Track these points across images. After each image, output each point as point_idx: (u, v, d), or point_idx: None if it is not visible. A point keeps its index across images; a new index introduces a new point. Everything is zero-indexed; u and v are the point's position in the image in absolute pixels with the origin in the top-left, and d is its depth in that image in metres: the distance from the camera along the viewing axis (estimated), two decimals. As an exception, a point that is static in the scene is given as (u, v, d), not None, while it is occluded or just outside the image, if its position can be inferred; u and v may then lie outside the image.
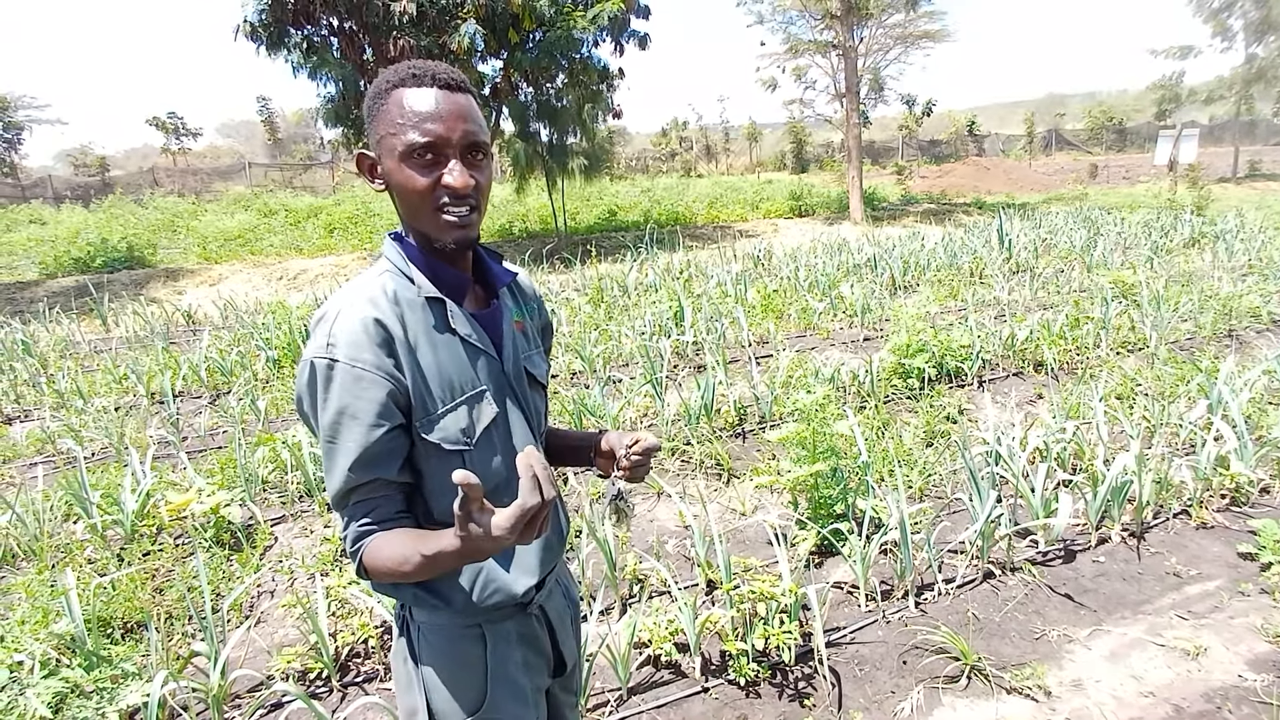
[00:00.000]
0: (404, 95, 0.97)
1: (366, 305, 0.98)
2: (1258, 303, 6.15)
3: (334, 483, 0.98)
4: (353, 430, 0.95)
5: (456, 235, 1.00)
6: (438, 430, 1.01)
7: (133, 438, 4.49)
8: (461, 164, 0.98)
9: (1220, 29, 22.45)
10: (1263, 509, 3.23)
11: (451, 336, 1.04)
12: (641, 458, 1.13)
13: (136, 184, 22.91)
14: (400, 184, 0.99)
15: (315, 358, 0.95)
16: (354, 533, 0.99)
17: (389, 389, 0.96)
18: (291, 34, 10.70)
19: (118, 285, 10.98)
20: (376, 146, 1.01)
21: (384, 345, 0.97)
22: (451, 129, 0.97)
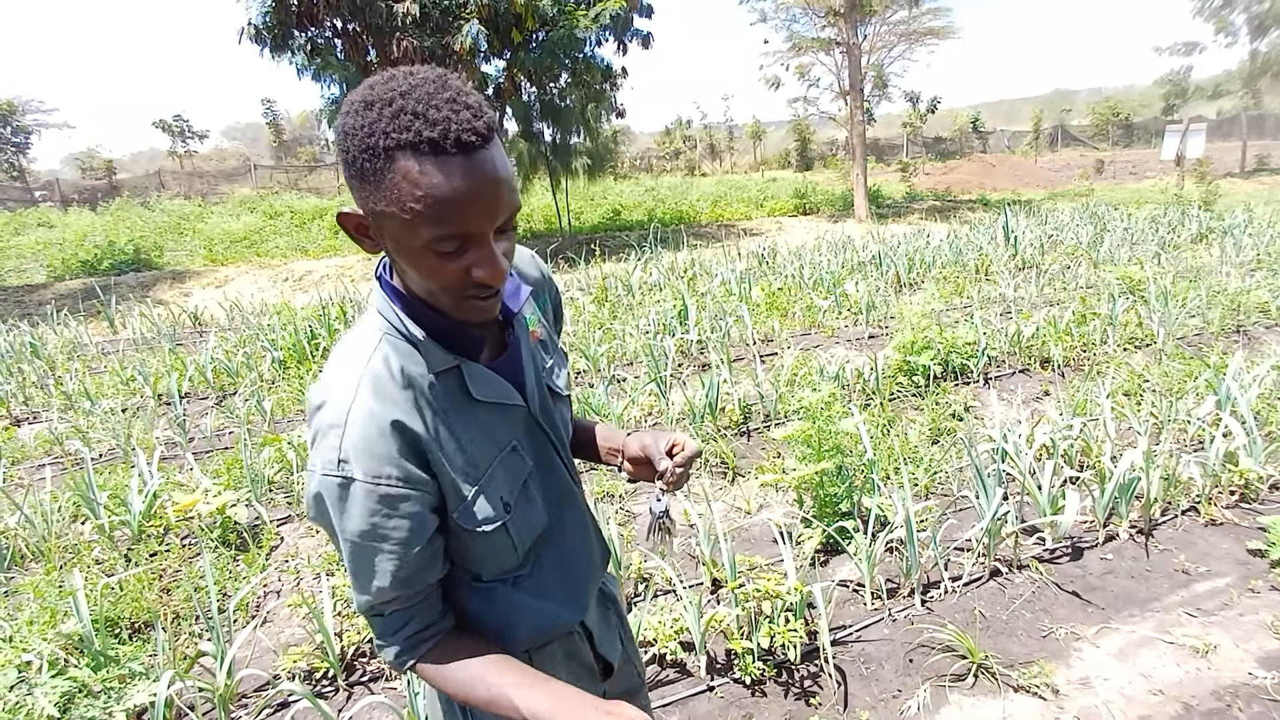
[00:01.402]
0: (417, 170, 0.70)
1: (374, 400, 0.80)
2: (1266, 298, 6.11)
3: (362, 600, 0.86)
4: (383, 552, 0.82)
5: (481, 317, 0.83)
6: (473, 517, 0.88)
7: (140, 439, 4.51)
8: (494, 245, 0.77)
9: (1222, 26, 22.31)
10: (1272, 505, 3.20)
11: (473, 404, 0.89)
12: (684, 469, 1.04)
13: (143, 187, 23.04)
14: (414, 270, 0.78)
15: (324, 475, 0.79)
16: (396, 645, 0.90)
17: (421, 497, 0.82)
18: (295, 36, 10.74)
19: (125, 288, 11.04)
20: (372, 216, 0.76)
21: (408, 450, 0.81)
22: (489, 215, 0.75)
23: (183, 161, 29.67)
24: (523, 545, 0.95)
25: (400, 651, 0.90)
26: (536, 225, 15.74)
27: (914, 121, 31.25)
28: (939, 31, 17.38)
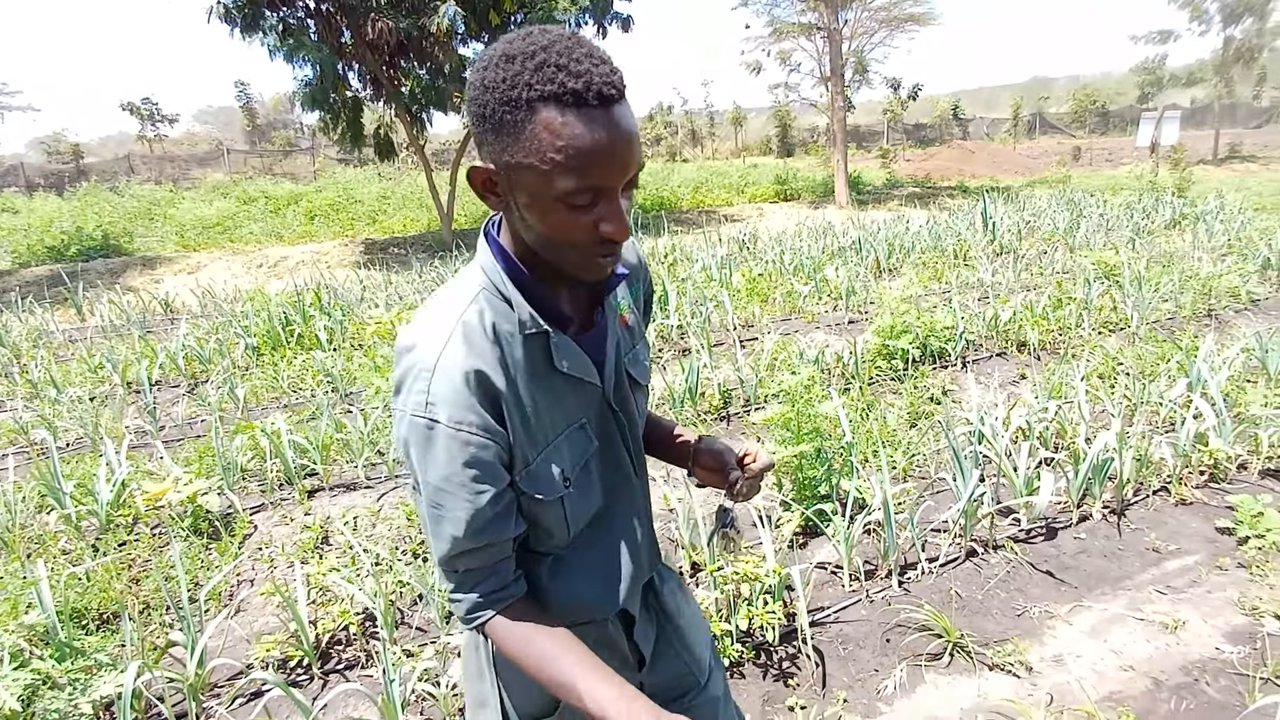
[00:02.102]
0: (559, 121, 0.72)
1: (465, 352, 0.82)
2: (1237, 283, 6.21)
3: (440, 549, 0.88)
4: (460, 497, 0.84)
5: (599, 276, 0.86)
6: (535, 482, 0.90)
7: (108, 427, 4.41)
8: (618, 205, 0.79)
9: (1197, 13, 22.53)
10: (1240, 485, 3.26)
11: (552, 373, 0.90)
12: (755, 479, 1.05)
13: (112, 171, 22.46)
14: (543, 224, 0.79)
15: (413, 416, 0.82)
16: (469, 603, 0.91)
17: (495, 449, 0.85)
18: (267, 16, 10.46)
19: (93, 274, 10.78)
20: (505, 169, 0.78)
21: (487, 401, 0.83)
22: (623, 169, 0.77)
23: (153, 145, 28.95)
24: (574, 524, 0.96)
25: (471, 609, 0.91)
26: (516, 211, 15.58)
27: (895, 108, 31.30)
28: (919, 18, 17.36)
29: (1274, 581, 2.59)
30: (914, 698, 2.19)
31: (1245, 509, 2.86)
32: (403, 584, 2.75)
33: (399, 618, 2.66)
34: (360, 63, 11.42)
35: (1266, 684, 2.12)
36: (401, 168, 21.29)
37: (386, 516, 3.32)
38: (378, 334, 5.43)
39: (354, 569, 2.85)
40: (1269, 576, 2.62)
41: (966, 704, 2.15)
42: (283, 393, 5.03)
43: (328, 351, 5.64)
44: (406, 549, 3.04)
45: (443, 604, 2.57)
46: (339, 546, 3.11)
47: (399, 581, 2.75)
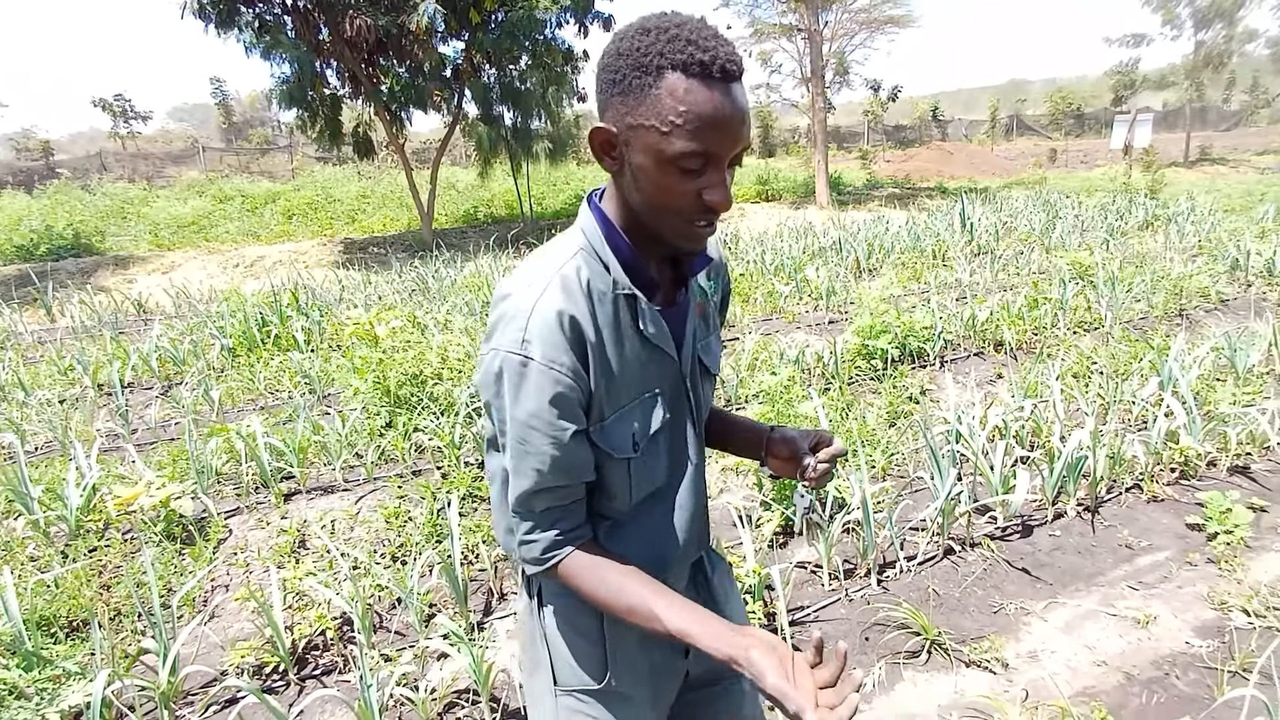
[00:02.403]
0: (684, 88, 0.79)
1: (561, 297, 0.87)
2: (1207, 283, 6.33)
3: (522, 485, 0.92)
4: (546, 434, 0.88)
5: (696, 245, 0.92)
6: (608, 437, 0.94)
7: (78, 430, 4.32)
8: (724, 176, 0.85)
9: (1170, 17, 22.97)
10: (1210, 481, 3.33)
11: (635, 336, 0.95)
12: (829, 465, 1.07)
13: (83, 169, 22.02)
14: (654, 185, 0.85)
15: (508, 353, 0.86)
16: (546, 541, 0.94)
17: (579, 394, 0.89)
18: (242, 12, 10.32)
19: (63, 274, 10.57)
20: (626, 130, 0.84)
21: (577, 345, 0.88)
22: (735, 142, 0.83)
23: (125, 143, 28.43)
24: (637, 490, 1.00)
25: (548, 547, 0.94)
26: (498, 210, 15.51)
27: (875, 109, 31.58)
28: (898, 20, 17.56)
29: (1242, 576, 2.65)
30: (893, 695, 2.21)
31: (1214, 505, 2.91)
32: (381, 587, 2.73)
33: (377, 622, 2.63)
34: (338, 60, 11.30)
35: (1234, 677, 2.16)
36: (381, 166, 21.09)
37: (365, 519, 3.29)
38: (356, 335, 5.37)
39: (331, 573, 2.82)
40: (1237, 571, 2.67)
41: (944, 701, 2.17)
42: (259, 394, 4.96)
43: (305, 353, 5.57)
44: (385, 552, 3.01)
45: (420, 608, 2.55)
46: (316, 550, 3.08)
47: (377, 585, 2.73)
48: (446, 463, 3.63)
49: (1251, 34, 23.78)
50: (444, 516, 3.05)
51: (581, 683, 1.07)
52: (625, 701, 1.08)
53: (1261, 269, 6.90)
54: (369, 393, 4.14)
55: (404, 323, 5.55)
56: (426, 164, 16.53)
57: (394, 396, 4.12)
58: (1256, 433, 3.51)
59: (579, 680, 1.07)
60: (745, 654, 0.82)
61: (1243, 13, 22.35)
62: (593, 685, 1.06)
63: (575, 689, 1.07)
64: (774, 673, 0.79)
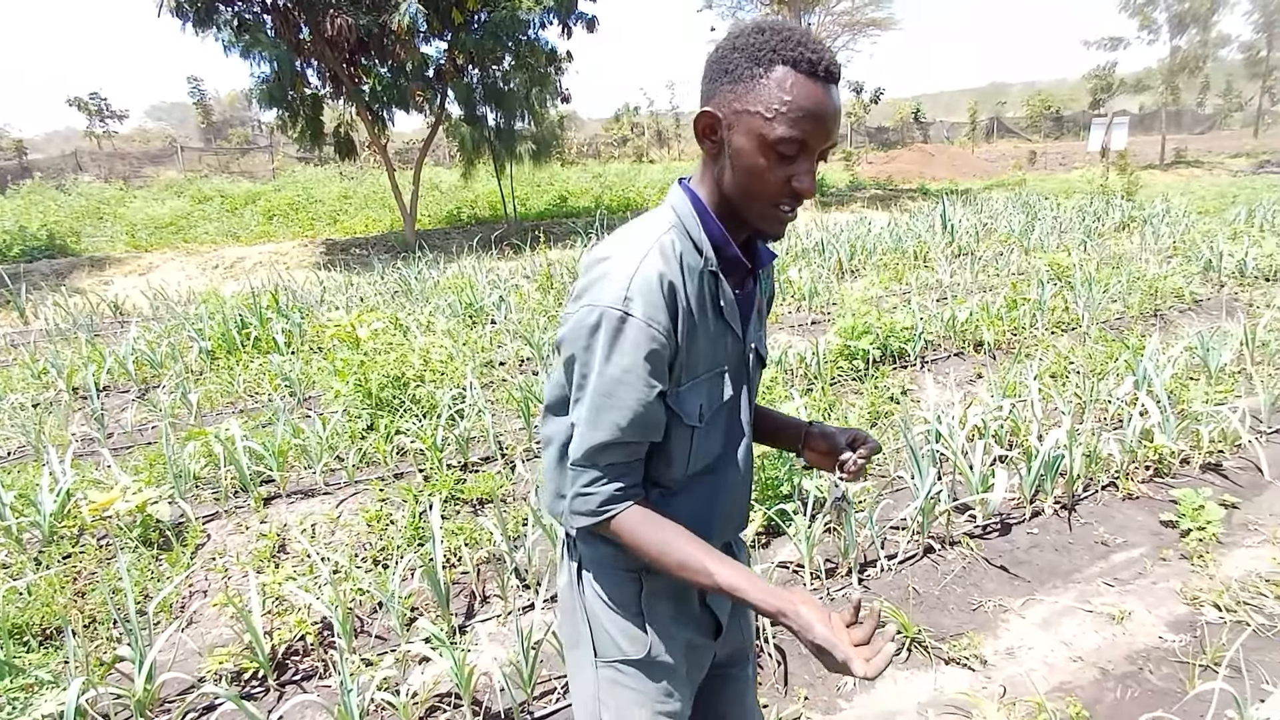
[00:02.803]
0: (792, 80, 0.88)
1: (662, 261, 0.94)
2: (1181, 283, 6.44)
3: (597, 436, 0.95)
4: (634, 389, 0.93)
5: (776, 230, 0.99)
6: (682, 402, 0.99)
7: (52, 435, 4.25)
8: (813, 166, 0.93)
9: (1146, 22, 23.35)
10: (1183, 479, 3.39)
11: (715, 312, 1.02)
12: (866, 460, 1.13)
13: (58, 169, 21.65)
14: (749, 168, 0.93)
15: (609, 307, 0.91)
16: (605, 493, 0.98)
17: (670, 354, 0.95)
18: (221, 10, 10.19)
19: (37, 275, 10.39)
20: (731, 115, 0.93)
21: (672, 308, 0.94)
22: (828, 135, 0.92)
23: (101, 142, 27.98)
24: (693, 461, 1.05)
25: (607, 500, 0.98)
26: (481, 211, 15.44)
27: (858, 111, 31.80)
28: (880, 22, 17.72)
29: (1214, 572, 2.70)
30: (873, 693, 2.22)
31: (1188, 502, 2.96)
32: (362, 591, 2.71)
33: (358, 626, 2.61)
34: (319, 60, 11.20)
35: (1205, 671, 2.20)
36: (363, 167, 20.93)
37: (346, 523, 3.26)
38: (338, 337, 5.32)
39: (312, 577, 2.79)
40: (1209, 567, 2.72)
41: (923, 698, 2.19)
42: (238, 397, 4.90)
43: (285, 355, 5.51)
44: (366, 556, 2.98)
45: (402, 612, 2.53)
46: (296, 555, 3.05)
47: (358, 589, 2.71)
48: (429, 465, 3.61)
49: (1225, 39, 24.25)
50: (426, 519, 3.03)
51: (622, 653, 1.10)
52: (665, 670, 1.12)
53: (1234, 270, 7.03)
54: (350, 395, 4.11)
55: (386, 324, 5.51)
56: (409, 164, 16.42)
57: (376, 399, 4.10)
58: (1228, 430, 3.57)
59: (619, 652, 1.11)
60: (794, 608, 0.88)
61: (1216, 18, 22.78)
62: (631, 656, 1.10)
63: (615, 660, 1.11)
64: (822, 625, 0.86)
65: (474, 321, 6.37)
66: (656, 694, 1.11)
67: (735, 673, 1.30)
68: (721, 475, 1.11)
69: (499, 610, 2.68)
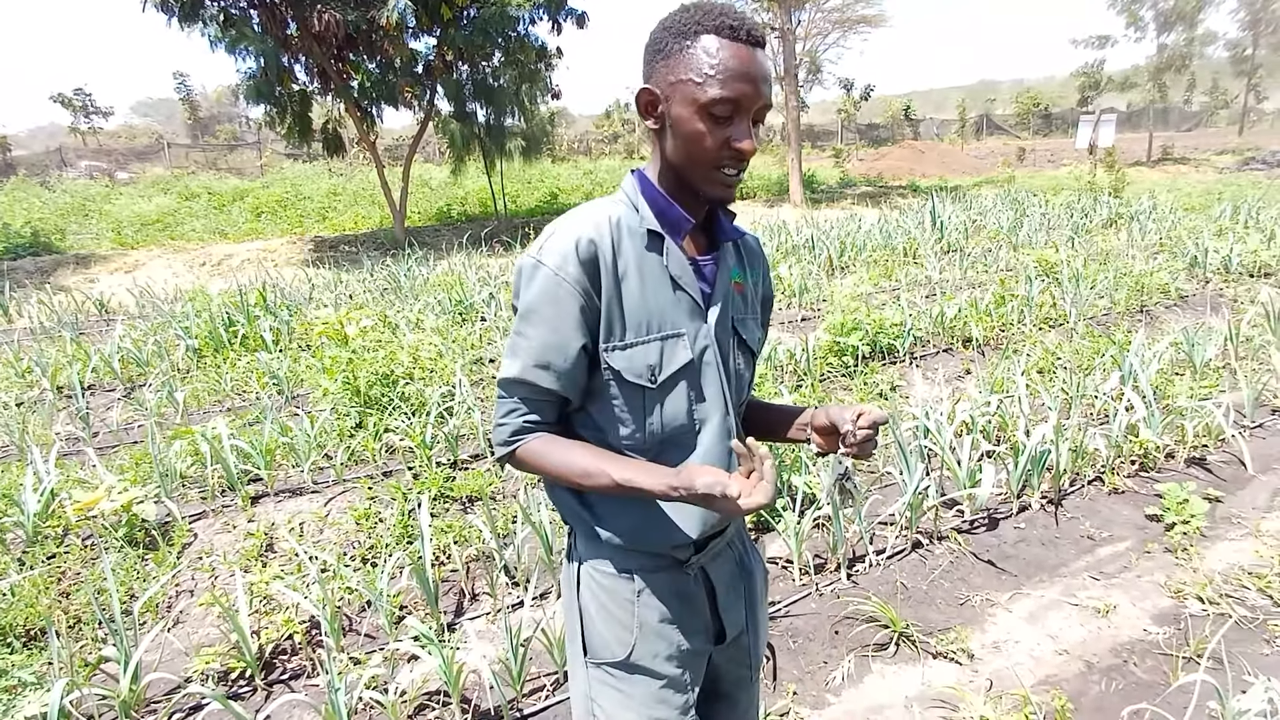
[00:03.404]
0: (716, 45, 0.95)
1: (586, 225, 1.02)
2: (1167, 280, 6.49)
3: (510, 369, 1.04)
4: (539, 329, 1.01)
5: (723, 194, 1.03)
6: (622, 358, 1.03)
7: (36, 434, 4.21)
8: (749, 126, 0.99)
9: (1133, 19, 23.49)
10: (1168, 473, 3.42)
11: (663, 273, 1.05)
12: (870, 431, 1.09)
13: (42, 165, 21.40)
14: (688, 134, 0.98)
15: (526, 256, 1.03)
16: (516, 424, 1.06)
17: (580, 304, 1.00)
18: (207, 5, 10.09)
19: (21, 273, 10.27)
20: (667, 87, 0.99)
21: (588, 263, 1.00)
22: (758, 93, 0.97)
23: (87, 139, 27.67)
24: (652, 427, 1.07)
25: (516, 431, 1.06)
26: (471, 208, 15.38)
27: (848, 108, 31.87)
28: (870, 19, 17.71)
29: (1197, 565, 2.73)
30: (861, 688, 2.24)
31: (1172, 496, 2.99)
32: (350, 590, 2.70)
33: (346, 625, 2.60)
34: (307, 55, 11.12)
35: (1188, 663, 2.23)
36: (353, 163, 20.80)
37: (334, 521, 3.24)
38: (326, 334, 5.29)
39: (299, 576, 2.78)
40: (1193, 560, 2.75)
41: (911, 692, 2.20)
42: (225, 396, 4.87)
43: (273, 353, 5.48)
44: (355, 554, 2.97)
45: (390, 611, 2.52)
46: (284, 553, 3.03)
47: (346, 588, 2.69)
48: (418, 463, 3.60)
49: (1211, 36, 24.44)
50: (415, 518, 3.02)
51: (610, 654, 1.12)
52: (650, 676, 1.12)
53: (1219, 266, 7.09)
54: (338, 393, 4.09)
55: (375, 322, 5.49)
56: (398, 161, 16.33)
57: (364, 397, 4.07)
58: (1212, 425, 3.61)
59: (608, 652, 1.12)
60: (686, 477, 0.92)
61: (1203, 16, 22.95)
62: (617, 658, 1.12)
63: (603, 661, 1.13)
64: (706, 476, 0.90)
65: (463, 319, 6.35)
66: (645, 699, 1.11)
67: (730, 669, 1.27)
68: (697, 452, 1.10)
69: (488, 608, 2.67)
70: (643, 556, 1.11)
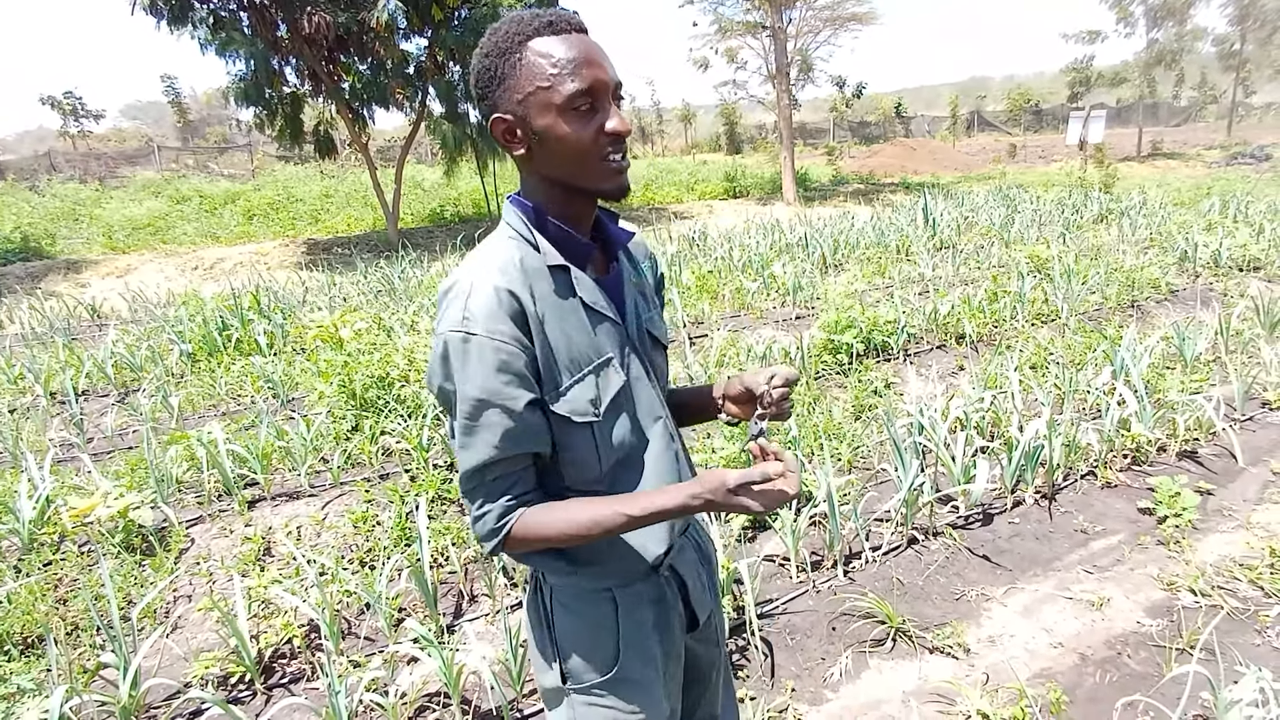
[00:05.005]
0: (547, 45, 0.93)
1: (498, 275, 0.95)
2: (1157, 275, 6.54)
3: (474, 458, 0.95)
4: (492, 407, 0.93)
5: (619, 182, 0.99)
6: (565, 403, 0.99)
7: (30, 441, 4.19)
8: (613, 107, 0.96)
9: (1124, 15, 23.60)
10: (1160, 467, 3.45)
11: (576, 304, 1.02)
12: (785, 390, 1.08)
13: (31, 169, 21.27)
14: (562, 138, 0.94)
15: (451, 331, 0.92)
16: (499, 509, 0.98)
17: (524, 360, 0.95)
18: (196, 8, 10.05)
19: (11, 279, 10.22)
20: (517, 107, 0.95)
21: (517, 317, 0.94)
22: (606, 72, 0.95)
23: (76, 142, 27.51)
24: (605, 455, 1.04)
25: (502, 514, 0.98)
26: (464, 209, 15.36)
27: (840, 106, 31.92)
28: (862, 17, 17.73)
29: (1189, 558, 2.75)
30: (858, 683, 2.25)
31: (1164, 490, 3.02)
32: (349, 593, 2.70)
33: (345, 628, 2.60)
34: (298, 57, 11.08)
35: (1181, 654, 2.25)
36: (345, 165, 20.74)
37: (331, 525, 3.25)
38: (320, 337, 5.28)
39: (298, 580, 2.78)
40: (1185, 553, 2.78)
41: (908, 687, 2.22)
42: (220, 400, 4.86)
43: (268, 356, 5.47)
44: (353, 557, 2.97)
45: (389, 613, 2.53)
46: (282, 557, 3.03)
47: (345, 591, 2.70)
48: (415, 465, 3.60)
49: (1200, 31, 24.57)
50: (412, 520, 3.03)
51: (594, 676, 1.10)
52: (637, 687, 1.11)
53: (1208, 260, 7.14)
54: (334, 396, 4.08)
55: (369, 324, 5.48)
56: (391, 162, 16.29)
57: (360, 400, 4.07)
58: (1203, 419, 3.64)
59: (591, 675, 1.10)
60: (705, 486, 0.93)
61: (1193, 11, 23.08)
62: (604, 676, 1.10)
63: (588, 684, 1.10)
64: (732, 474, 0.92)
65: (458, 320, 6.33)
66: (632, 710, 1.11)
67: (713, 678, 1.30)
68: (648, 465, 1.09)
69: (487, 609, 2.68)
70: (618, 575, 1.10)
